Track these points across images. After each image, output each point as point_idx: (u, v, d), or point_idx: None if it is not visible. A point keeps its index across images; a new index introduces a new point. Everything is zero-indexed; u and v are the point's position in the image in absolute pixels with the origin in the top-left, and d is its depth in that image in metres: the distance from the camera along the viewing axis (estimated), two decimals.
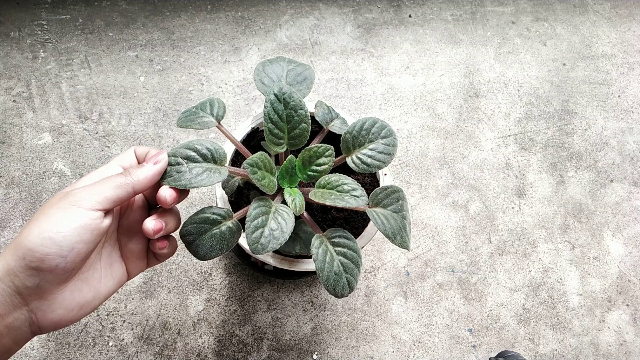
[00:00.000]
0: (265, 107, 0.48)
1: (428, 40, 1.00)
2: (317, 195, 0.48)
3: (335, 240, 0.48)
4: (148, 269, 0.77)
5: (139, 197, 0.43)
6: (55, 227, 0.34)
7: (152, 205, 0.44)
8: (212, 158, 0.46)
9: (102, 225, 0.37)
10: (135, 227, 0.43)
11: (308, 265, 0.57)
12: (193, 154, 0.45)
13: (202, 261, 0.78)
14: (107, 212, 0.37)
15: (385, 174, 0.62)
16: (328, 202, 0.46)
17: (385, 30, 0.99)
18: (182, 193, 0.42)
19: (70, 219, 0.35)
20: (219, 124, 0.52)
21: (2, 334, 0.35)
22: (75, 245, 0.35)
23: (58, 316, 0.36)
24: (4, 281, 0.34)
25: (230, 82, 0.91)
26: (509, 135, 0.93)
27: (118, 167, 0.41)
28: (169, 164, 0.44)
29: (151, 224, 0.40)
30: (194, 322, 0.75)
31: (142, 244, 0.43)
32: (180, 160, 0.44)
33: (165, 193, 0.40)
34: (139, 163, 0.43)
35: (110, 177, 0.38)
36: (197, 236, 0.46)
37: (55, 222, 0.34)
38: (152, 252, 0.44)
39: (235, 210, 0.58)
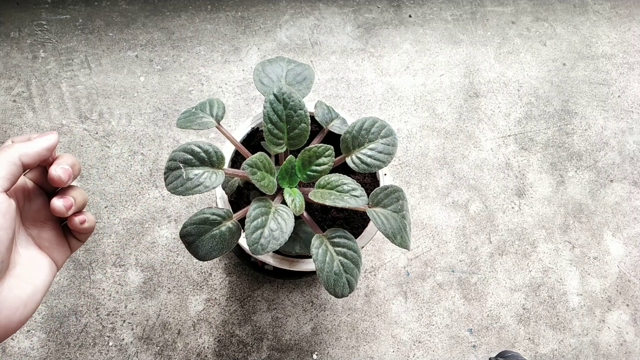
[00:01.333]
0: (264, 107, 0.48)
1: (428, 40, 1.00)
2: (317, 196, 0.48)
3: (335, 240, 0.48)
4: (147, 269, 0.77)
5: (33, 187, 0.42)
6: None
7: (49, 192, 0.43)
8: (209, 161, 0.46)
9: (11, 208, 0.36)
10: (39, 217, 0.41)
11: (308, 265, 0.57)
12: (191, 157, 0.45)
13: (202, 261, 0.78)
14: (9, 194, 0.36)
15: (385, 174, 0.62)
16: (328, 202, 0.46)
17: (385, 30, 0.99)
18: (75, 168, 0.41)
19: None
20: (219, 124, 0.52)
21: None
22: None
23: (5, 317, 0.36)
24: None
25: (230, 82, 0.91)
26: (509, 135, 0.93)
27: None
28: (169, 169, 0.44)
29: (59, 202, 0.39)
30: (194, 322, 0.75)
31: (55, 231, 0.42)
32: (178, 164, 0.44)
33: (58, 171, 0.39)
34: None
35: None
36: (197, 237, 0.46)
37: None
38: (71, 235, 0.43)
39: (235, 210, 0.58)
